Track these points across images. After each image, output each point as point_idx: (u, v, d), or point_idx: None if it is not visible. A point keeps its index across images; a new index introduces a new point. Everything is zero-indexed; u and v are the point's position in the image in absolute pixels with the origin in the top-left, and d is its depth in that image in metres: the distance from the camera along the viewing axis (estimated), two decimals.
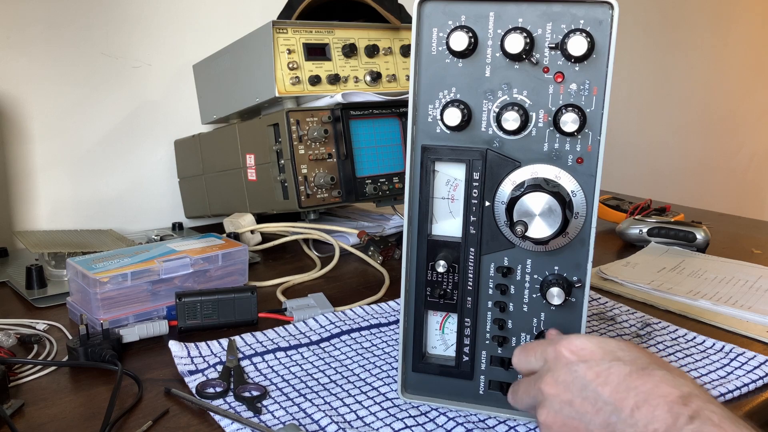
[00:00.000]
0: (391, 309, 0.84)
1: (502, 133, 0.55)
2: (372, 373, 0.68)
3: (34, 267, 0.91)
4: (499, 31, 0.53)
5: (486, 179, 0.55)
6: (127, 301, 0.77)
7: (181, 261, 0.81)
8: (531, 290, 0.57)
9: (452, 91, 0.55)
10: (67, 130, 1.20)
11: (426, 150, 0.56)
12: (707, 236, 1.11)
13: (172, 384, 0.65)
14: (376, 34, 1.10)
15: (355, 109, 1.03)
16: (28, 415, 0.60)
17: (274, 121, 1.00)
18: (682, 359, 0.72)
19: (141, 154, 1.29)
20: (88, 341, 0.69)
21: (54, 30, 1.16)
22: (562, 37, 0.52)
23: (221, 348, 0.72)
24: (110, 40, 1.22)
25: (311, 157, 0.98)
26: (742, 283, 0.94)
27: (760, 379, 0.67)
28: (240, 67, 1.09)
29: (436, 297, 0.59)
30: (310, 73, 1.02)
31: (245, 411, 0.60)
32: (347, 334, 0.77)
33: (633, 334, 0.78)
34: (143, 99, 1.28)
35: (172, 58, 1.29)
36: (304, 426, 0.58)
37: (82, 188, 1.23)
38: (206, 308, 0.77)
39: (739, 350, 0.73)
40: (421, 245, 0.58)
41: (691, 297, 0.88)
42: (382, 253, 1.04)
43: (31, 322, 0.80)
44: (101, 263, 0.78)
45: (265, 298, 0.89)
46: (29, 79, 1.15)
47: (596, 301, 0.88)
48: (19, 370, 0.67)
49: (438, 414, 0.60)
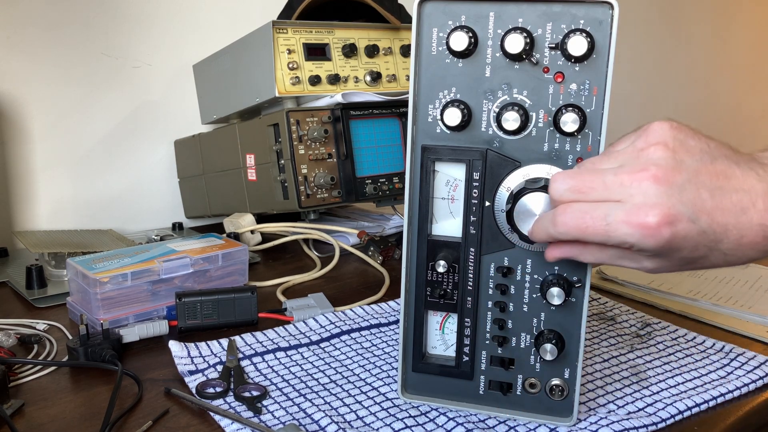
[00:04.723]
0: (391, 309, 0.84)
1: (502, 133, 0.55)
2: (372, 373, 0.68)
3: (34, 267, 0.91)
4: (499, 31, 0.53)
5: (486, 179, 0.55)
6: (127, 301, 0.77)
7: (181, 261, 0.81)
8: (531, 290, 0.57)
9: (452, 91, 0.55)
10: (67, 130, 1.20)
11: (426, 150, 0.56)
12: None
13: (172, 384, 0.65)
14: (376, 34, 1.10)
15: (355, 109, 1.03)
16: (28, 415, 0.60)
17: (274, 121, 1.00)
18: (682, 359, 0.72)
19: (141, 154, 1.29)
20: (88, 341, 0.69)
21: (54, 30, 1.16)
22: (562, 37, 0.52)
23: (221, 348, 0.72)
24: (110, 40, 1.22)
25: (311, 157, 0.98)
26: (742, 283, 0.94)
27: (760, 379, 0.67)
28: (240, 67, 1.09)
29: (436, 297, 0.59)
30: (310, 73, 1.02)
31: (245, 411, 0.60)
32: (347, 334, 0.77)
33: (633, 334, 0.78)
34: (143, 99, 1.28)
35: (172, 58, 1.29)
36: (304, 426, 0.58)
37: (82, 188, 1.23)
38: (206, 308, 0.77)
39: (739, 350, 0.73)
40: (421, 245, 0.58)
41: (691, 297, 0.88)
42: (382, 253, 1.04)
43: (31, 322, 0.80)
44: (101, 263, 0.78)
45: (265, 298, 0.89)
46: (29, 79, 1.15)
47: (596, 301, 0.88)
48: (19, 370, 0.67)
49: (438, 414, 0.60)
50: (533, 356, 0.58)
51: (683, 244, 0.45)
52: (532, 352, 0.58)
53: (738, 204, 0.45)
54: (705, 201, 0.44)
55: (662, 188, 0.44)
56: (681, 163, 0.45)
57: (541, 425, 0.58)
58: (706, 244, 0.45)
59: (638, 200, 0.44)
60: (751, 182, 0.46)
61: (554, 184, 0.48)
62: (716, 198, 0.45)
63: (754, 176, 0.46)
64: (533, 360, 0.58)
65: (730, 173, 0.46)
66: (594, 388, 0.65)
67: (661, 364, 0.70)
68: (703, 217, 0.44)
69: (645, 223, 0.44)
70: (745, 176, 0.46)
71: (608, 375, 0.68)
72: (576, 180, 0.47)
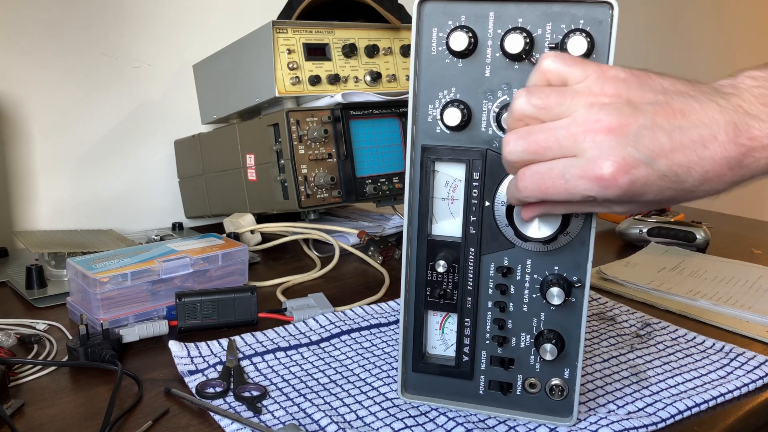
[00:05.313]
0: (391, 309, 0.84)
1: (502, 133, 0.55)
2: (372, 373, 0.68)
3: (34, 267, 0.91)
4: (499, 31, 0.53)
5: (486, 179, 0.55)
6: (127, 301, 0.77)
7: (181, 261, 0.81)
8: (531, 290, 0.57)
9: (452, 91, 0.55)
10: (67, 130, 1.20)
11: (426, 150, 0.56)
12: (707, 236, 1.11)
13: (172, 384, 0.65)
14: (376, 34, 1.10)
15: (355, 109, 1.03)
16: (28, 415, 0.60)
17: (274, 121, 1.00)
18: (682, 359, 0.72)
19: (141, 154, 1.29)
20: (88, 341, 0.69)
21: (54, 30, 1.16)
22: (562, 37, 0.52)
23: (221, 348, 0.72)
24: (110, 40, 1.22)
25: (311, 157, 0.98)
26: (742, 283, 0.94)
27: (760, 379, 0.67)
28: (240, 67, 1.09)
29: (436, 297, 0.59)
30: (310, 73, 1.02)
31: (245, 411, 0.60)
32: (347, 334, 0.77)
33: (633, 334, 0.78)
34: (143, 99, 1.28)
35: (172, 58, 1.29)
36: (304, 426, 0.58)
37: (82, 188, 1.23)
38: (206, 308, 0.77)
39: (739, 350, 0.73)
40: (421, 245, 0.58)
41: (691, 297, 0.88)
42: (382, 253, 1.04)
43: (31, 322, 0.80)
44: (101, 263, 0.78)
45: (265, 298, 0.89)
46: (29, 79, 1.15)
47: (596, 301, 0.88)
48: (19, 370, 0.67)
49: (438, 414, 0.60)
50: (533, 356, 0.58)
51: (646, 189, 0.44)
52: (532, 352, 0.58)
53: (699, 140, 0.44)
54: (663, 144, 0.43)
55: (616, 138, 0.43)
56: (635, 109, 0.44)
57: (541, 425, 0.58)
58: (669, 186, 0.45)
59: (592, 153, 0.44)
60: (712, 115, 0.44)
61: (507, 147, 0.47)
62: (675, 138, 0.44)
63: (715, 107, 0.45)
64: (533, 360, 0.58)
65: (688, 109, 0.44)
66: (594, 388, 0.65)
67: (661, 364, 0.70)
68: (662, 160, 0.43)
69: (600, 175, 0.43)
70: (705, 109, 0.44)
71: (608, 375, 0.68)
72: (528, 141, 0.46)
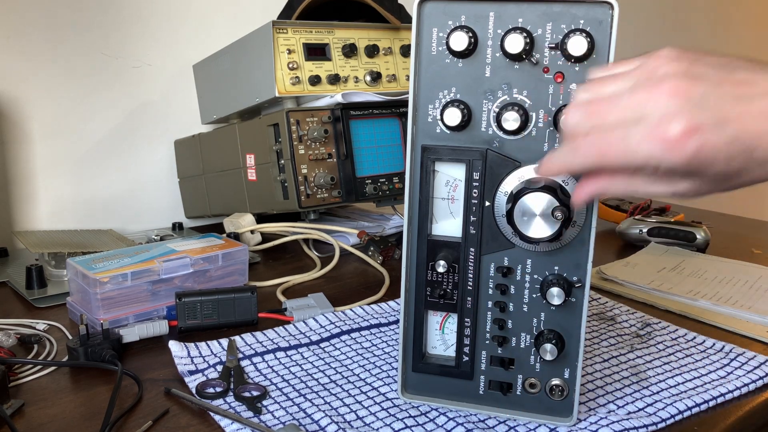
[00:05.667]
0: (391, 309, 0.84)
1: (502, 133, 0.55)
2: (372, 373, 0.68)
3: (34, 267, 0.91)
4: (499, 31, 0.53)
5: (486, 179, 0.55)
6: (127, 301, 0.77)
7: (181, 261, 0.81)
8: (531, 290, 0.57)
9: (452, 91, 0.55)
10: (67, 130, 1.20)
11: (426, 150, 0.56)
12: (707, 236, 1.11)
13: (172, 384, 0.65)
14: (376, 34, 1.10)
15: (355, 109, 1.03)
16: (28, 415, 0.60)
17: (274, 121, 1.00)
18: (682, 359, 0.72)
19: (141, 154, 1.29)
20: (88, 341, 0.69)
21: (54, 30, 1.16)
22: (562, 37, 0.52)
23: (221, 348, 0.72)
24: (110, 40, 1.22)
25: (311, 157, 0.98)
26: (742, 283, 0.94)
27: (760, 379, 0.67)
28: (240, 67, 1.09)
29: (436, 297, 0.59)
30: (310, 73, 1.02)
31: (245, 411, 0.60)
32: (347, 334, 0.77)
33: (633, 334, 0.78)
34: (143, 99, 1.28)
35: (172, 58, 1.29)
36: (304, 426, 0.58)
37: (82, 188, 1.23)
38: (206, 308, 0.77)
39: (739, 350, 0.73)
40: (421, 245, 0.58)
41: (691, 297, 0.88)
42: (382, 253, 1.04)
43: (31, 322, 0.80)
44: (101, 263, 0.78)
45: (265, 298, 0.89)
46: (29, 79, 1.15)
47: (596, 301, 0.88)
48: (19, 370, 0.67)
49: (438, 414, 0.60)
50: (533, 356, 0.58)
51: (714, 155, 0.42)
52: (532, 352, 0.58)
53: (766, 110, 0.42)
54: (730, 110, 0.42)
55: (682, 101, 0.42)
56: (699, 75, 0.43)
57: (541, 425, 0.58)
58: (738, 153, 0.42)
59: (658, 115, 0.42)
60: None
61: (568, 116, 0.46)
62: (742, 105, 0.42)
63: None
64: (533, 360, 0.58)
65: (753, 80, 0.43)
66: (594, 388, 0.65)
67: (661, 364, 0.70)
68: (731, 124, 0.41)
69: (667, 136, 0.41)
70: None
71: (608, 375, 0.68)
72: (590, 110, 0.45)
